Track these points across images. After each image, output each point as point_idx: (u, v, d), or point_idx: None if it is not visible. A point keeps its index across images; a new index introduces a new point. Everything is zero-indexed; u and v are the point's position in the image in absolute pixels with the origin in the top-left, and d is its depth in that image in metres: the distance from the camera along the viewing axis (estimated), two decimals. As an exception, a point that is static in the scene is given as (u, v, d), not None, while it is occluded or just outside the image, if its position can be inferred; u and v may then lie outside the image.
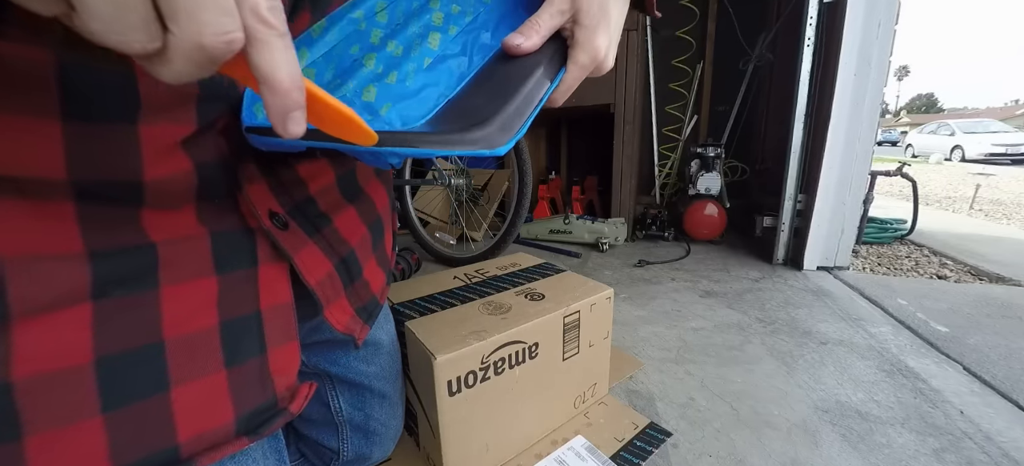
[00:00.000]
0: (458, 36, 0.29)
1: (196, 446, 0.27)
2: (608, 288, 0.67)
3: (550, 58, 0.28)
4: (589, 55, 0.28)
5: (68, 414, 0.22)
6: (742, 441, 0.65)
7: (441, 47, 0.28)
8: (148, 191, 0.25)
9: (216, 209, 0.29)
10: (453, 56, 0.28)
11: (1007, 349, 0.91)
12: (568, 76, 0.29)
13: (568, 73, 0.29)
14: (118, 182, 0.24)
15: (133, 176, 0.24)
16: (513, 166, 1.36)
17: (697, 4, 2.06)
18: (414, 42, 0.28)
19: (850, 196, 1.35)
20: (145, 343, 0.25)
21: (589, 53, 0.28)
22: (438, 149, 0.23)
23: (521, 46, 0.27)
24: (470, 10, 0.30)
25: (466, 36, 0.29)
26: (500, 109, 0.25)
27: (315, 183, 0.36)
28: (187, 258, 0.27)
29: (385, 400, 0.51)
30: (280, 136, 0.17)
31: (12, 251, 0.21)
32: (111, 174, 0.23)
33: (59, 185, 0.22)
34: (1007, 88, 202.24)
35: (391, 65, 0.27)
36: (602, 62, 0.30)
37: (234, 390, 0.29)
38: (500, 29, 0.29)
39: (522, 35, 0.27)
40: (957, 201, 3.49)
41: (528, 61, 0.27)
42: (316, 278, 0.35)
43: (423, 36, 0.29)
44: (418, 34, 0.29)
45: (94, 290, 0.23)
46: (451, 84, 0.27)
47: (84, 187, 0.23)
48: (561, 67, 0.29)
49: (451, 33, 0.29)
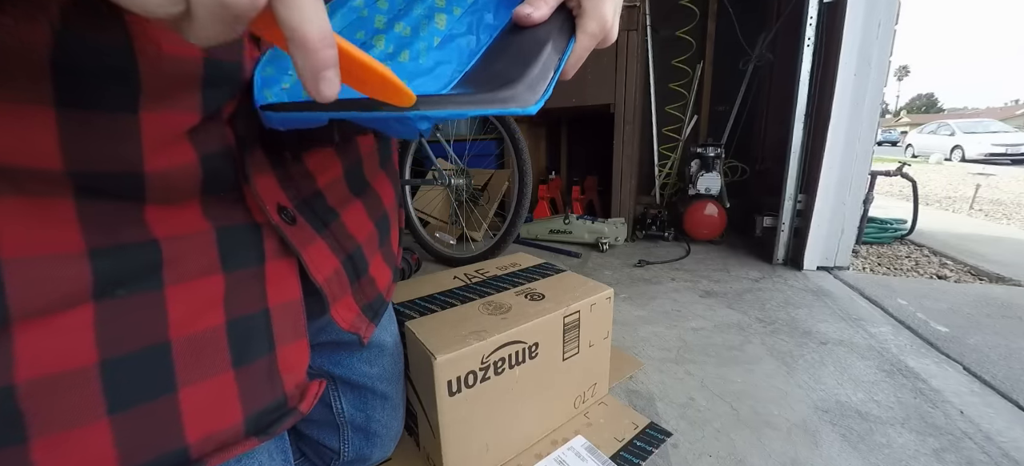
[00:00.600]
0: (463, 16, 0.29)
1: (205, 447, 0.27)
2: (608, 288, 0.67)
3: (560, 28, 0.28)
4: (598, 22, 0.28)
5: (74, 417, 0.22)
6: (742, 441, 0.65)
7: (448, 27, 0.28)
8: (150, 184, 0.24)
9: (222, 203, 0.28)
10: (461, 35, 0.28)
11: (1007, 349, 0.91)
12: (578, 45, 0.29)
13: (578, 43, 0.29)
14: (118, 174, 0.23)
15: (133, 168, 0.23)
16: (513, 166, 1.36)
17: (697, 4, 2.05)
18: (421, 23, 0.28)
19: (850, 196, 1.35)
20: (151, 344, 0.25)
21: (598, 20, 0.28)
22: (471, 109, 0.23)
23: (532, 16, 0.27)
24: None
25: (470, 17, 0.29)
26: (524, 72, 0.25)
27: (323, 176, 0.35)
28: (192, 255, 0.27)
29: (387, 402, 0.51)
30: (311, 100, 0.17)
31: (10, 252, 0.20)
32: (110, 166, 0.22)
33: (56, 178, 0.21)
34: (1007, 88, 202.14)
35: (402, 44, 0.27)
36: (609, 30, 0.30)
37: (242, 390, 0.29)
38: (500, 11, 0.30)
39: (531, 5, 0.27)
40: (957, 201, 3.49)
41: (539, 32, 0.28)
42: (323, 275, 0.34)
43: (429, 17, 0.28)
44: (424, 15, 0.29)
45: (96, 290, 0.23)
46: (463, 61, 0.27)
47: (82, 181, 0.22)
48: (571, 36, 0.29)
49: (456, 14, 0.29)
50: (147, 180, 0.24)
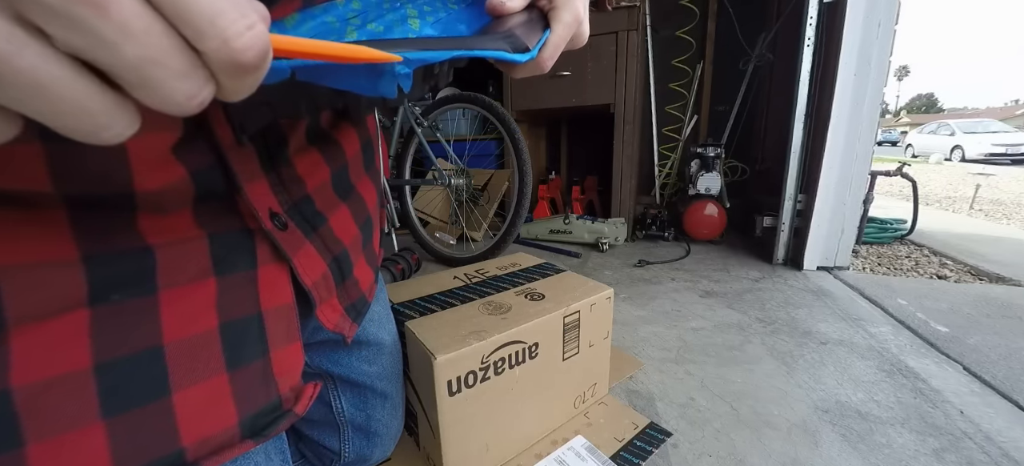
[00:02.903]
0: (436, 24, 0.30)
1: (201, 450, 0.27)
2: (608, 288, 0.67)
3: (534, 21, 0.30)
4: (572, 13, 0.30)
5: (69, 421, 0.22)
6: (742, 441, 0.65)
7: (421, 29, 0.29)
8: (141, 201, 0.24)
9: (214, 211, 0.29)
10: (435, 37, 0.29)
11: (1007, 349, 0.91)
12: (554, 35, 0.30)
13: (554, 32, 0.30)
14: (109, 194, 0.23)
15: (124, 188, 0.23)
16: (513, 166, 1.36)
17: (697, 4, 2.05)
18: (395, 24, 0.28)
19: (850, 196, 1.35)
20: (145, 348, 0.25)
21: (571, 12, 0.30)
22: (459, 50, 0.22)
23: (505, 4, 0.28)
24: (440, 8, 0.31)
25: (442, 26, 0.30)
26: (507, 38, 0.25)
27: (312, 180, 0.35)
28: (185, 261, 0.27)
29: (387, 400, 0.51)
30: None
31: (5, 259, 0.21)
32: (101, 188, 0.23)
33: (48, 198, 0.22)
34: (1007, 88, 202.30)
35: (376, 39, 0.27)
36: (582, 27, 0.31)
37: (237, 393, 0.29)
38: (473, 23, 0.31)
39: None
40: (957, 201, 3.49)
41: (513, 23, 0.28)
42: (312, 279, 0.35)
43: (402, 21, 0.29)
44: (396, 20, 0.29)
45: (91, 296, 0.23)
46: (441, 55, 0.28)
47: (74, 199, 0.22)
48: (545, 28, 0.30)
49: (428, 21, 0.30)
50: (138, 197, 0.24)
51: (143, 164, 0.23)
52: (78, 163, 0.22)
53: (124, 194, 0.23)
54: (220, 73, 0.14)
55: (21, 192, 0.21)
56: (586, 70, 1.73)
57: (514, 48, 0.25)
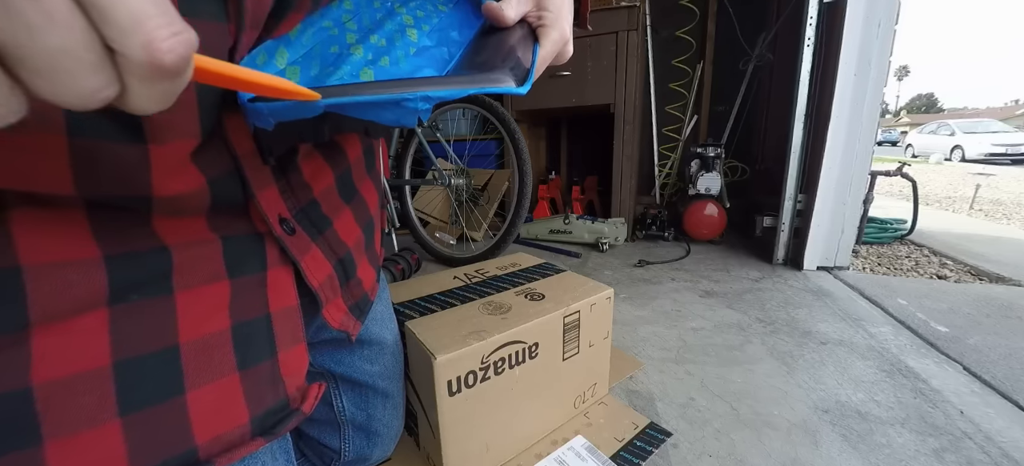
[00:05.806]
0: (432, 32, 0.31)
1: (214, 448, 0.27)
2: (608, 288, 0.67)
3: (524, 36, 0.32)
4: (558, 31, 0.32)
5: (87, 418, 0.23)
6: (742, 441, 0.65)
7: (420, 39, 0.30)
8: (158, 206, 0.25)
9: (227, 216, 0.29)
10: (433, 47, 0.30)
11: (1007, 349, 0.91)
12: (543, 51, 0.32)
13: (542, 48, 0.32)
14: (128, 197, 0.24)
15: (143, 192, 0.24)
16: (513, 166, 1.36)
17: (697, 4, 2.05)
18: (395, 35, 0.30)
19: (850, 196, 1.35)
20: (161, 347, 0.25)
21: (558, 29, 0.32)
22: (467, 88, 0.25)
23: (504, 13, 0.31)
24: (433, 15, 0.33)
25: (438, 33, 0.31)
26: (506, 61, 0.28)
27: (318, 185, 0.36)
28: (200, 263, 0.28)
29: (388, 400, 0.51)
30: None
31: (30, 260, 0.21)
32: (120, 191, 0.23)
33: (69, 199, 0.22)
34: (1007, 88, 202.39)
35: (380, 52, 0.28)
36: (567, 47, 0.34)
37: (248, 392, 0.29)
38: (464, 29, 0.32)
39: (507, 5, 0.31)
40: (957, 201, 3.49)
41: (508, 38, 0.31)
42: (318, 281, 0.36)
43: (401, 31, 0.30)
44: (395, 30, 0.30)
45: (111, 295, 0.23)
46: (440, 68, 0.29)
47: (93, 201, 0.23)
48: (535, 44, 0.32)
49: (425, 30, 0.31)
50: (155, 202, 0.24)
51: (163, 170, 0.24)
52: (100, 167, 0.22)
53: (143, 198, 0.24)
54: (133, 75, 0.14)
55: (44, 194, 0.21)
56: (586, 70, 1.73)
57: (516, 78, 0.27)
